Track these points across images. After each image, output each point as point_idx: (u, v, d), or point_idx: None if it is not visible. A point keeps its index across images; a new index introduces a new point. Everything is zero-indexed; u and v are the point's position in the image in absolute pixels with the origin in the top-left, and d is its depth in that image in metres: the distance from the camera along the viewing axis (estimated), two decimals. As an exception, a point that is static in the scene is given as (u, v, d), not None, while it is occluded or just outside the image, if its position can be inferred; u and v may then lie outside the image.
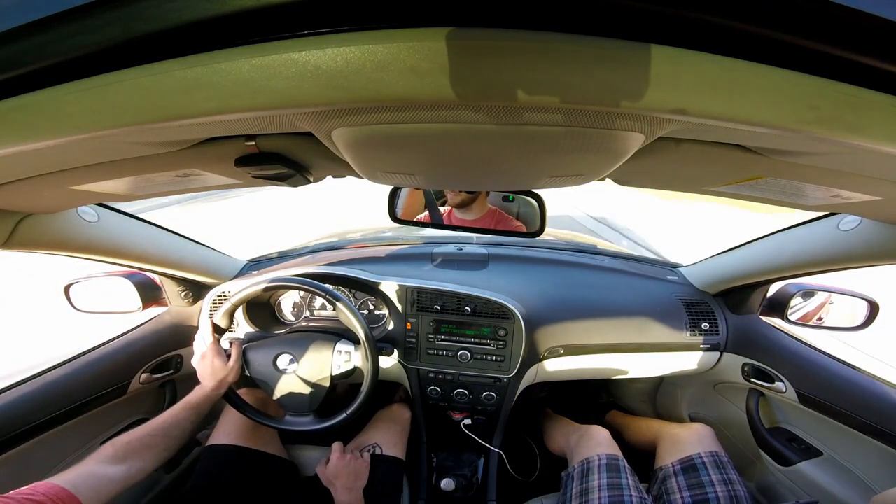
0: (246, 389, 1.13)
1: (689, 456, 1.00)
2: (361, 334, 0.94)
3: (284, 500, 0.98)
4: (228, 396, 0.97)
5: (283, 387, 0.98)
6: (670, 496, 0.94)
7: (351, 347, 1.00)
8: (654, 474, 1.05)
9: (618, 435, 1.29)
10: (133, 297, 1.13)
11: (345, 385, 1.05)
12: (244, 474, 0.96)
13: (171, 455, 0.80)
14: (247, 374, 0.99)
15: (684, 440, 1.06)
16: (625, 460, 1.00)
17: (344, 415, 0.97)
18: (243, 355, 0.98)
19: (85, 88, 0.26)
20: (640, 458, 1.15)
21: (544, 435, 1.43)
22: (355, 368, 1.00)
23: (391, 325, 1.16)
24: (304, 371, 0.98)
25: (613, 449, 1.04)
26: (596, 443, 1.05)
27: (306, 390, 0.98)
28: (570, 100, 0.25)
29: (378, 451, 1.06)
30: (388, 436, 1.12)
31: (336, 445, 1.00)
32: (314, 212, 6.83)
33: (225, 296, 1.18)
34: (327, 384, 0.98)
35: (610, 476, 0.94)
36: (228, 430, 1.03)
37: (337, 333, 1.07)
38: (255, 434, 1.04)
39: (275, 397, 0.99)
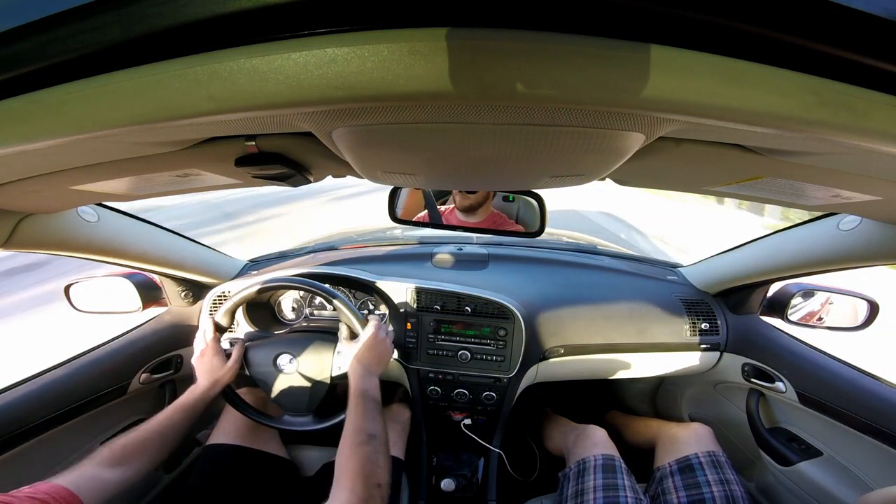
0: (246, 389, 1.13)
1: (686, 456, 1.00)
2: (355, 322, 0.94)
3: (284, 500, 0.98)
4: (227, 395, 0.97)
5: (283, 386, 0.98)
6: (667, 496, 0.94)
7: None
8: (653, 474, 1.05)
9: (618, 435, 1.29)
10: (133, 297, 1.13)
11: (345, 385, 1.05)
12: (244, 474, 0.96)
13: (167, 456, 0.79)
14: (247, 373, 0.99)
15: (682, 440, 1.06)
16: (622, 460, 1.00)
17: (343, 416, 0.97)
18: (244, 354, 0.98)
19: (85, 88, 0.26)
20: (640, 458, 1.15)
21: (543, 435, 1.43)
22: None
23: (391, 326, 1.16)
24: (304, 371, 0.98)
25: (610, 449, 1.03)
26: (592, 443, 1.05)
27: (306, 390, 0.98)
28: (570, 100, 0.25)
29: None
30: (388, 436, 1.12)
31: (373, 320, 0.93)
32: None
33: (225, 296, 1.18)
34: (327, 385, 0.98)
35: (606, 477, 0.94)
36: (228, 430, 1.03)
37: (337, 333, 1.07)
38: (255, 434, 1.04)
39: (273, 396, 0.99)
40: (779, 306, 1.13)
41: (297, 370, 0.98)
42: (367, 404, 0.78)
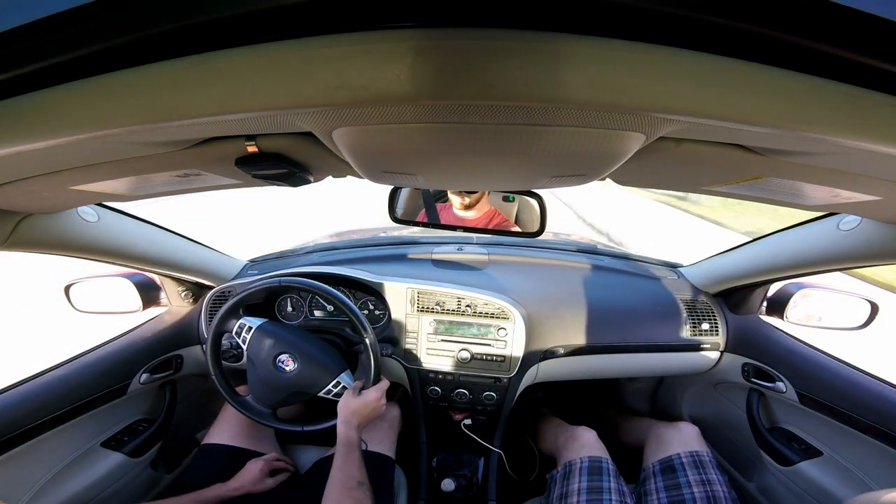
0: (245, 387, 1.13)
1: (669, 456, 1.00)
2: (372, 374, 0.96)
3: (281, 500, 0.98)
4: (211, 343, 0.99)
5: (267, 377, 0.98)
6: (648, 497, 0.94)
7: (351, 383, 0.99)
8: (640, 474, 1.05)
9: (613, 434, 1.29)
10: (133, 297, 1.13)
11: (323, 404, 1.05)
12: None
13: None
14: (243, 348, 0.99)
15: (667, 440, 1.05)
16: (610, 462, 0.99)
17: (299, 428, 0.99)
18: (251, 332, 0.98)
19: (85, 88, 0.26)
20: (634, 457, 1.15)
21: (538, 436, 1.43)
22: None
23: (391, 326, 1.16)
24: (296, 377, 0.97)
25: (598, 451, 1.02)
26: (580, 445, 1.04)
27: (283, 392, 0.98)
28: (570, 100, 0.25)
29: (363, 448, 1.05)
30: (375, 433, 1.10)
31: (384, 384, 0.98)
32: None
33: (225, 296, 1.18)
34: (305, 398, 0.98)
35: (591, 479, 0.94)
36: (223, 431, 1.03)
37: (347, 352, 1.08)
38: (250, 434, 1.04)
39: (249, 382, 0.99)
40: (779, 306, 1.13)
41: (288, 372, 0.98)
42: (356, 453, 0.83)
